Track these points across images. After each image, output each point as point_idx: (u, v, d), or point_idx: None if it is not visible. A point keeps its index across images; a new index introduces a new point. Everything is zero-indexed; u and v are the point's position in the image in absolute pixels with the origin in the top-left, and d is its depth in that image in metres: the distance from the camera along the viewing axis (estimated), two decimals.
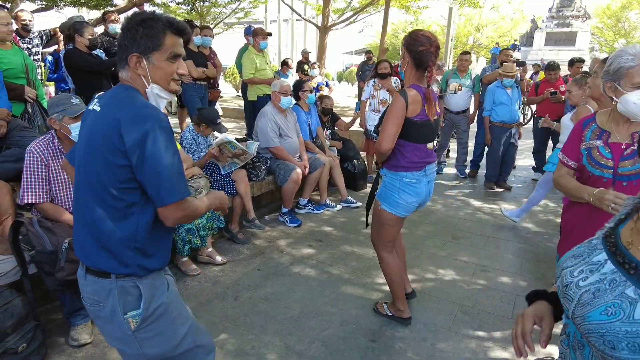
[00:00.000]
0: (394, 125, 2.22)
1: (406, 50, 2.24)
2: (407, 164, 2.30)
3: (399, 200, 2.34)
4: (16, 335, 2.01)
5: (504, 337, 2.51)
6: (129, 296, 1.32)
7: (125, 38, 1.30)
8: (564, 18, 20.83)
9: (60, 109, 2.29)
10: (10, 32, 3.19)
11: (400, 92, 2.24)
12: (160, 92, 1.35)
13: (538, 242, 3.92)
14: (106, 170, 1.25)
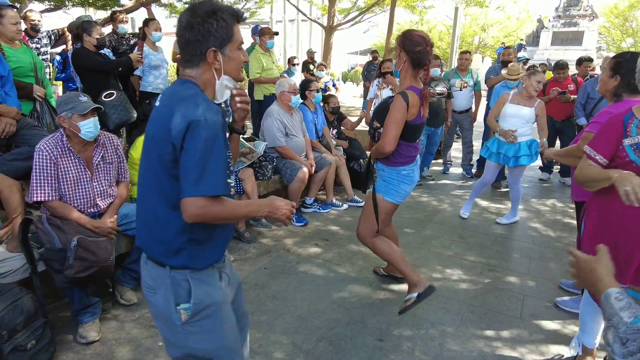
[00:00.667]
0: (397, 129, 2.35)
1: (403, 51, 2.32)
2: (403, 160, 2.53)
3: (400, 191, 2.58)
4: (25, 332, 2.02)
5: (512, 337, 2.50)
6: (180, 289, 1.34)
7: (198, 33, 1.26)
8: (570, 17, 20.67)
9: (69, 107, 2.31)
10: (19, 31, 3.20)
11: (402, 94, 2.28)
12: (229, 82, 1.35)
13: (546, 242, 3.89)
14: (161, 163, 1.26)
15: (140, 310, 2.65)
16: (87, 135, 2.34)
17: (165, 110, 1.26)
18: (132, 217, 2.63)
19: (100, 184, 2.50)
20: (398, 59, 2.37)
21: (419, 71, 2.37)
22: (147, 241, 1.38)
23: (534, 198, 5.22)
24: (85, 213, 2.43)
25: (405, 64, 2.35)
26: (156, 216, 1.32)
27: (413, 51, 2.30)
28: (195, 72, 1.32)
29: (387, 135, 2.36)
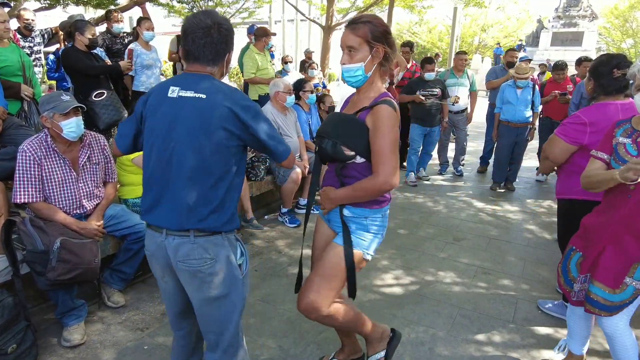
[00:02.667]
0: (397, 151, 1.63)
1: (381, 42, 1.63)
2: (389, 194, 1.80)
3: (381, 239, 1.85)
4: (6, 335, 1.99)
5: (503, 342, 2.46)
6: (235, 248, 1.60)
7: (225, 39, 1.53)
8: (570, 18, 20.63)
9: (51, 106, 2.26)
10: (7, 29, 3.17)
11: (388, 103, 1.62)
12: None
13: (541, 244, 3.85)
14: (215, 144, 1.46)
15: (127, 313, 2.62)
16: (69, 135, 2.30)
17: (220, 101, 1.46)
18: (119, 219, 2.60)
19: (86, 184, 2.46)
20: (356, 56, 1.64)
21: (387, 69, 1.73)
22: (196, 217, 1.48)
23: (530, 199, 5.18)
24: (71, 214, 2.39)
25: (375, 63, 1.67)
26: (208, 192, 1.48)
27: (391, 44, 1.67)
28: (214, 70, 1.56)
29: (390, 164, 1.59)
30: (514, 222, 4.41)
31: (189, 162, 1.46)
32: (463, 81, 5.72)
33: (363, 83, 1.69)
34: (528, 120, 5.15)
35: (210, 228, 1.50)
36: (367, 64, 1.64)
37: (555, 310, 2.73)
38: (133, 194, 2.89)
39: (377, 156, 1.61)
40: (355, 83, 1.69)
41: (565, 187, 2.50)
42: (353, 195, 1.68)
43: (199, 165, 1.46)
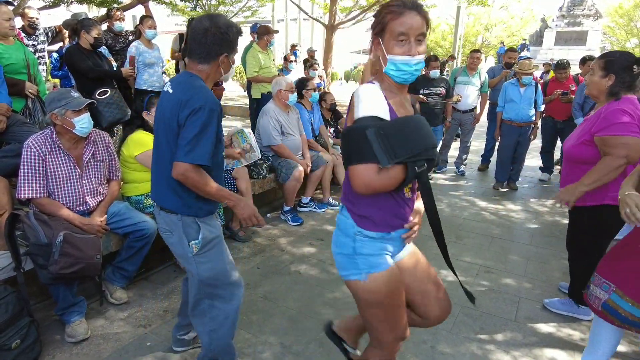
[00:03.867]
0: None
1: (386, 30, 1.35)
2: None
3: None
4: (10, 331, 2.00)
5: (505, 340, 2.45)
6: (190, 229, 1.76)
7: (217, 39, 1.65)
8: (574, 17, 20.56)
9: (62, 103, 2.28)
10: (12, 27, 3.18)
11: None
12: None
13: (544, 243, 3.84)
14: (174, 136, 1.66)
15: (129, 310, 2.63)
16: (81, 131, 2.32)
17: (178, 96, 1.64)
18: (122, 216, 2.61)
19: (90, 181, 2.47)
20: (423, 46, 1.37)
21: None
22: (163, 196, 1.77)
23: (534, 198, 5.17)
24: (75, 211, 2.41)
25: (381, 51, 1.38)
26: (168, 177, 1.69)
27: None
28: (205, 68, 1.70)
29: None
30: (517, 221, 4.40)
31: (159, 147, 1.76)
32: (474, 80, 5.67)
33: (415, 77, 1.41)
34: (531, 119, 5.13)
35: (167, 207, 1.77)
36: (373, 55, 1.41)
37: (560, 307, 2.71)
38: (136, 191, 2.90)
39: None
40: (414, 76, 1.38)
41: (600, 191, 2.32)
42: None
43: (161, 152, 1.73)
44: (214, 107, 1.63)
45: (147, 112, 2.91)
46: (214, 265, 1.83)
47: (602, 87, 2.34)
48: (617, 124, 2.23)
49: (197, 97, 1.61)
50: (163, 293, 2.84)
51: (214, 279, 1.85)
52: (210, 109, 1.61)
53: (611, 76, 2.29)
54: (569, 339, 2.48)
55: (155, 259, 3.15)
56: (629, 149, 2.22)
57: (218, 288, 1.88)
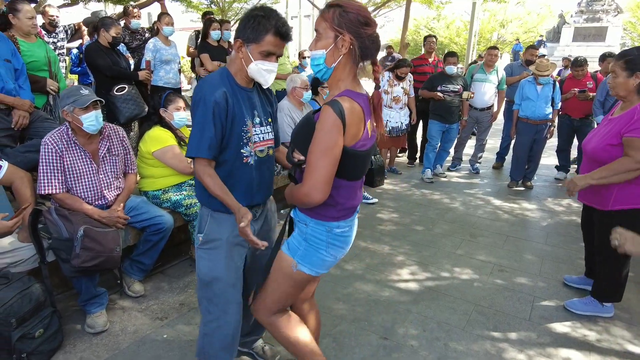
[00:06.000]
0: (330, 163, 1.39)
1: (345, 32, 1.39)
2: (339, 212, 1.56)
3: (327, 257, 1.61)
4: (34, 320, 2.06)
5: (519, 339, 2.44)
6: (202, 221, 1.77)
7: (239, 24, 1.60)
8: (593, 12, 20.09)
9: (71, 100, 2.32)
10: (34, 25, 3.26)
11: (331, 103, 1.38)
12: (267, 65, 1.61)
13: (559, 243, 3.80)
14: None
15: (147, 302, 2.69)
16: (89, 129, 2.36)
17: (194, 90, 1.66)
18: (139, 210, 2.66)
19: (106, 176, 2.53)
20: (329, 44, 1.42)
21: (363, 67, 1.49)
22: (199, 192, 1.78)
23: (550, 197, 5.11)
24: (93, 205, 2.46)
25: (345, 56, 1.42)
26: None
27: (359, 34, 1.40)
28: (233, 56, 1.66)
29: (313, 175, 1.39)
30: (532, 220, 4.36)
31: None
32: (491, 78, 5.60)
33: (327, 76, 1.48)
34: (548, 117, 5.06)
35: (198, 197, 1.80)
36: (329, 54, 1.42)
37: (583, 307, 2.69)
38: (153, 186, 2.95)
39: (306, 165, 1.43)
40: (318, 74, 1.49)
41: (632, 194, 2.31)
42: (290, 196, 1.56)
43: None
44: (208, 98, 1.56)
45: (164, 109, 2.96)
46: (211, 265, 1.76)
47: (630, 87, 2.29)
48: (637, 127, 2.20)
49: (195, 91, 1.63)
50: (179, 286, 2.89)
51: (208, 280, 1.78)
52: (202, 101, 1.56)
53: (638, 74, 2.25)
54: (584, 340, 2.46)
55: (171, 253, 3.21)
56: (633, 150, 2.20)
57: (213, 292, 1.79)
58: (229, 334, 1.84)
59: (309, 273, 1.63)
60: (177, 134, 3.02)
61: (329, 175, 1.40)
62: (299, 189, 1.46)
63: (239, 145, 1.67)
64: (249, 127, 1.68)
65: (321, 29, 1.43)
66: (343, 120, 1.36)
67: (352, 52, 1.41)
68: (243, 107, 1.66)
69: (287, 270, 1.63)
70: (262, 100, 1.79)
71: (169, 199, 2.91)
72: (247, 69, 1.62)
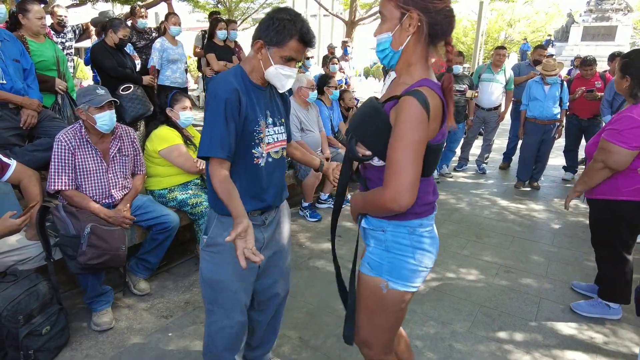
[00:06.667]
0: (418, 161, 1.22)
1: (412, 8, 1.23)
2: (420, 207, 1.37)
3: (418, 266, 1.39)
4: (41, 317, 2.08)
5: (525, 341, 2.43)
6: (210, 223, 1.70)
7: (260, 24, 1.53)
8: (603, 11, 19.88)
9: (87, 99, 2.36)
10: (43, 25, 3.29)
11: (414, 94, 1.20)
12: (286, 70, 1.56)
13: (566, 244, 3.77)
14: None
15: (152, 301, 2.70)
16: (102, 128, 2.39)
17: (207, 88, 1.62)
18: (145, 209, 2.68)
19: (115, 175, 2.55)
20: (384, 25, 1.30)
21: (431, 49, 1.30)
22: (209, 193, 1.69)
23: (557, 198, 5.07)
24: (101, 203, 2.48)
25: (414, 35, 1.25)
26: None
27: (427, 8, 1.22)
28: (250, 55, 1.59)
29: (401, 176, 1.20)
30: (539, 221, 4.32)
31: None
32: (499, 77, 5.56)
33: (395, 62, 1.31)
34: (556, 117, 5.02)
35: (208, 198, 1.74)
36: (395, 36, 1.27)
37: (590, 309, 2.68)
38: (159, 185, 2.97)
39: (388, 163, 1.24)
40: (384, 60, 1.33)
41: (612, 187, 2.39)
42: (363, 204, 1.39)
43: None
44: (219, 96, 1.49)
45: (170, 109, 2.97)
46: (214, 269, 1.69)
47: (623, 88, 2.35)
48: (613, 130, 2.28)
49: (208, 89, 1.60)
50: (184, 285, 2.90)
51: (210, 282, 1.72)
52: (214, 99, 1.49)
53: (627, 78, 2.28)
54: (591, 342, 2.44)
55: (177, 252, 3.23)
56: (607, 155, 2.30)
57: (216, 294, 1.73)
58: (232, 335, 1.79)
59: (404, 290, 1.39)
60: (184, 133, 3.04)
61: (417, 175, 1.22)
62: (381, 194, 1.24)
63: (250, 145, 1.60)
64: (262, 128, 1.62)
65: (386, 10, 1.28)
66: (428, 113, 1.20)
67: (421, 30, 1.24)
68: (257, 107, 1.59)
69: (378, 294, 1.40)
70: (276, 100, 1.72)
71: (175, 198, 2.92)
72: (265, 71, 1.56)
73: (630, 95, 2.31)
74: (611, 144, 2.27)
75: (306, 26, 1.52)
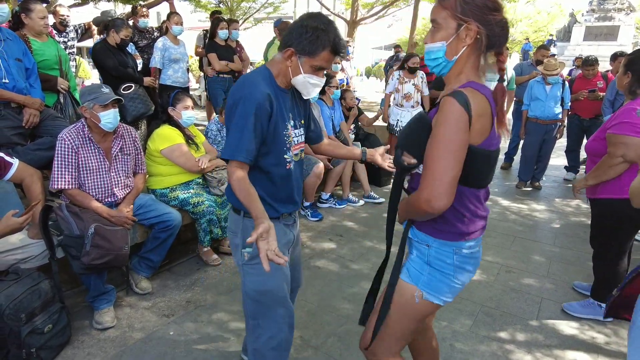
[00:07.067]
0: (455, 162, 1.18)
1: (471, 20, 1.20)
2: (468, 227, 1.33)
3: (455, 283, 1.38)
4: (43, 315, 2.09)
5: (526, 340, 2.43)
6: (243, 234, 1.60)
7: (292, 31, 1.49)
8: (605, 11, 19.83)
9: (92, 97, 2.37)
10: (46, 25, 3.29)
11: (454, 94, 1.19)
12: (314, 80, 1.53)
13: (568, 244, 3.76)
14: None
15: (154, 299, 2.71)
16: (106, 126, 2.40)
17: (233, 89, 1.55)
18: (148, 208, 2.69)
19: (117, 174, 2.56)
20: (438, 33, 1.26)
21: (482, 57, 1.28)
22: (229, 191, 1.61)
23: (559, 198, 5.06)
24: (103, 202, 2.50)
25: (465, 46, 1.24)
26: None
27: (487, 21, 1.21)
28: (278, 58, 1.54)
29: (435, 177, 1.18)
30: (541, 221, 4.32)
31: None
32: None
33: (446, 71, 1.29)
34: (557, 116, 5.01)
35: (232, 202, 1.67)
36: (450, 46, 1.24)
37: (581, 310, 2.67)
38: (161, 184, 2.98)
39: (425, 165, 1.22)
40: (435, 69, 1.30)
41: (617, 186, 2.36)
42: (406, 208, 1.36)
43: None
44: (250, 99, 1.44)
45: (172, 108, 2.98)
46: (263, 280, 1.62)
47: (623, 84, 2.38)
48: (623, 122, 2.27)
49: (235, 90, 1.51)
50: (186, 284, 2.91)
51: (259, 295, 1.66)
52: (243, 101, 1.45)
53: (629, 74, 2.30)
54: (592, 342, 2.43)
55: (178, 251, 3.24)
56: (626, 148, 2.26)
57: (265, 306, 1.69)
58: (282, 345, 1.74)
59: (437, 302, 1.38)
60: (186, 132, 3.04)
61: (454, 176, 1.18)
62: (417, 196, 1.23)
63: (282, 150, 1.57)
64: (290, 131, 1.59)
65: (440, 18, 1.25)
66: (469, 113, 1.16)
67: (478, 42, 1.22)
68: (284, 111, 1.57)
69: (410, 302, 1.39)
70: (297, 102, 1.67)
71: (177, 197, 2.93)
72: (293, 78, 1.53)
73: (629, 91, 2.35)
74: (627, 136, 2.23)
75: (339, 36, 1.50)
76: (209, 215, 2.97)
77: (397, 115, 5.31)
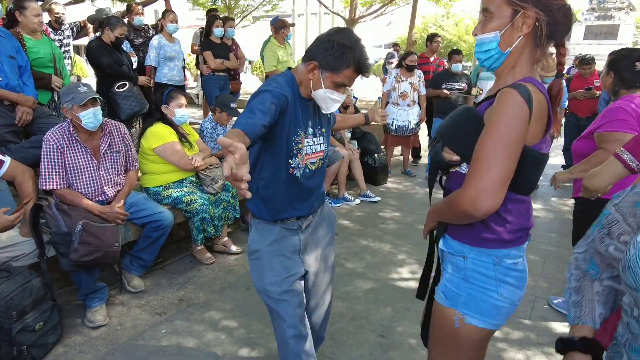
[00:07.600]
0: (511, 159, 1.04)
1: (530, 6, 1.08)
2: (509, 235, 1.18)
3: (499, 301, 1.20)
4: (34, 313, 2.09)
5: (519, 339, 2.43)
6: (255, 234, 1.70)
7: (318, 44, 1.48)
8: (605, 10, 19.81)
9: (69, 98, 2.34)
10: (40, 23, 3.29)
11: (516, 86, 1.06)
12: (335, 95, 1.52)
13: (564, 243, 3.76)
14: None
15: (146, 298, 2.71)
16: (88, 126, 2.38)
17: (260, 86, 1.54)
18: (140, 206, 2.68)
19: (107, 172, 2.55)
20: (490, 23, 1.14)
21: (542, 51, 1.14)
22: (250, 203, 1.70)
23: (555, 197, 5.06)
24: (94, 201, 2.49)
25: (521, 36, 1.11)
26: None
27: (548, 6, 1.07)
28: (302, 68, 1.53)
29: (486, 173, 1.03)
30: (537, 220, 4.31)
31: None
32: None
33: (499, 64, 1.16)
34: None
35: (249, 207, 1.72)
36: (504, 36, 1.11)
37: (563, 305, 2.68)
38: (154, 182, 2.97)
39: (473, 161, 1.07)
40: (487, 62, 1.17)
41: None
42: (441, 209, 1.23)
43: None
44: (273, 90, 1.42)
45: (166, 106, 2.97)
46: (256, 276, 1.70)
47: (607, 84, 2.37)
48: (613, 120, 2.27)
49: (260, 87, 1.50)
50: (179, 283, 2.91)
51: (258, 292, 1.73)
52: (266, 91, 1.42)
53: (611, 74, 2.30)
54: None
55: (171, 250, 3.24)
56: (621, 145, 2.23)
57: (267, 302, 1.71)
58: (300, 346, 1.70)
59: (483, 326, 1.20)
60: (179, 130, 3.04)
61: (507, 174, 1.03)
62: (460, 194, 1.08)
63: (287, 155, 1.57)
64: (301, 138, 1.59)
65: (493, 6, 1.12)
66: (530, 108, 1.04)
67: (536, 31, 1.09)
68: (300, 118, 1.56)
69: (450, 328, 1.22)
70: (318, 110, 1.65)
71: (170, 195, 2.93)
72: (313, 92, 1.52)
73: (612, 92, 2.34)
74: (622, 133, 2.19)
75: (364, 55, 1.48)
76: (202, 213, 2.97)
77: (393, 114, 5.30)
